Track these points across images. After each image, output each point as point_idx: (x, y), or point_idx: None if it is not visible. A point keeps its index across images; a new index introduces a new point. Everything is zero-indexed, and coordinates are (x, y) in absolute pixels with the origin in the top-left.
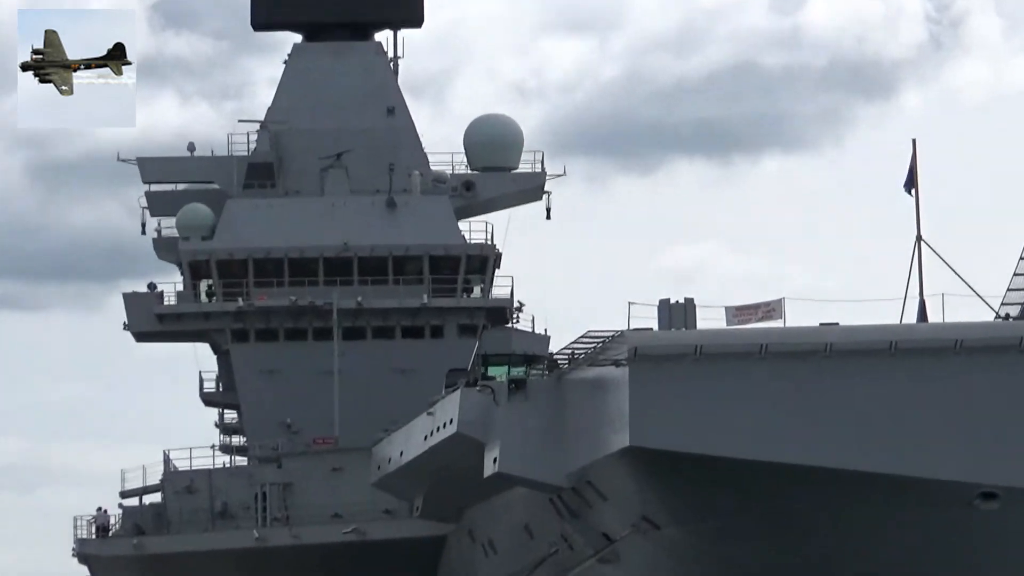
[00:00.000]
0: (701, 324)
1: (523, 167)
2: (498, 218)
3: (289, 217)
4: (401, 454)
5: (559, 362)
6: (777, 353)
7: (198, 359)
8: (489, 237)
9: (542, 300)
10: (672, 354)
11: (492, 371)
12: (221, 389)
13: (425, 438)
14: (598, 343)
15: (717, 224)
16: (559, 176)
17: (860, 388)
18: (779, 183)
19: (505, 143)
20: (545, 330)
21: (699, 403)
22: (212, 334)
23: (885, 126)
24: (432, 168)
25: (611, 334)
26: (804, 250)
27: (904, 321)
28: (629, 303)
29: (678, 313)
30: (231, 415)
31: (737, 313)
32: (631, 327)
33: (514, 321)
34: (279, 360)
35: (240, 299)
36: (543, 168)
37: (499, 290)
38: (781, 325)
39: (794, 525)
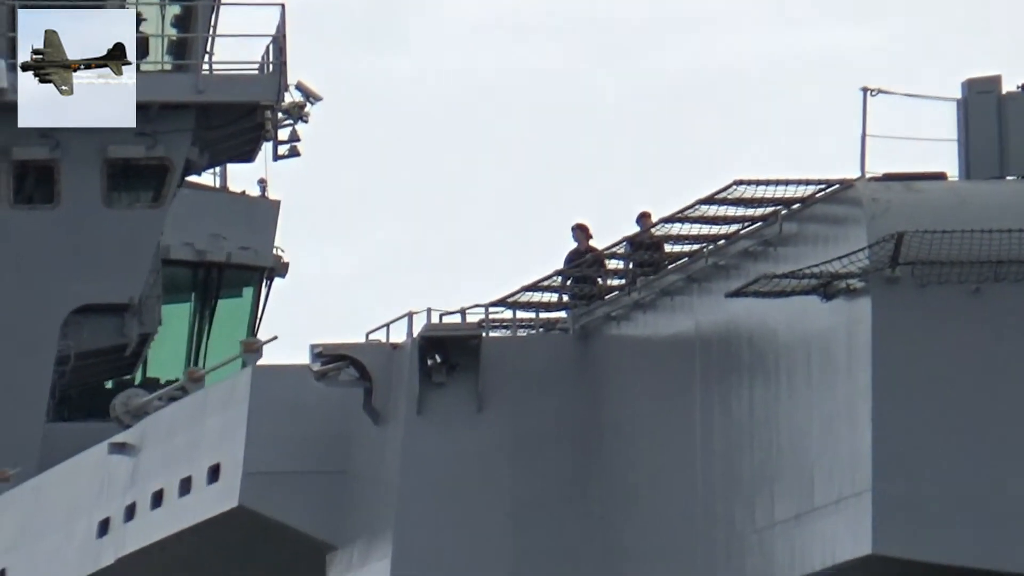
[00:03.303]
0: None
1: None
2: None
3: None
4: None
5: (603, 273)
6: None
7: None
8: None
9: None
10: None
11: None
12: None
13: (102, 529)
14: (750, 222)
15: None
16: None
17: None
18: None
19: None
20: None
21: None
22: None
23: None
24: None
25: (814, 187)
26: None
27: None
28: (865, 89)
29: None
30: None
31: None
32: (868, 172)
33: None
34: None
35: None
36: None
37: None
38: None
39: None
